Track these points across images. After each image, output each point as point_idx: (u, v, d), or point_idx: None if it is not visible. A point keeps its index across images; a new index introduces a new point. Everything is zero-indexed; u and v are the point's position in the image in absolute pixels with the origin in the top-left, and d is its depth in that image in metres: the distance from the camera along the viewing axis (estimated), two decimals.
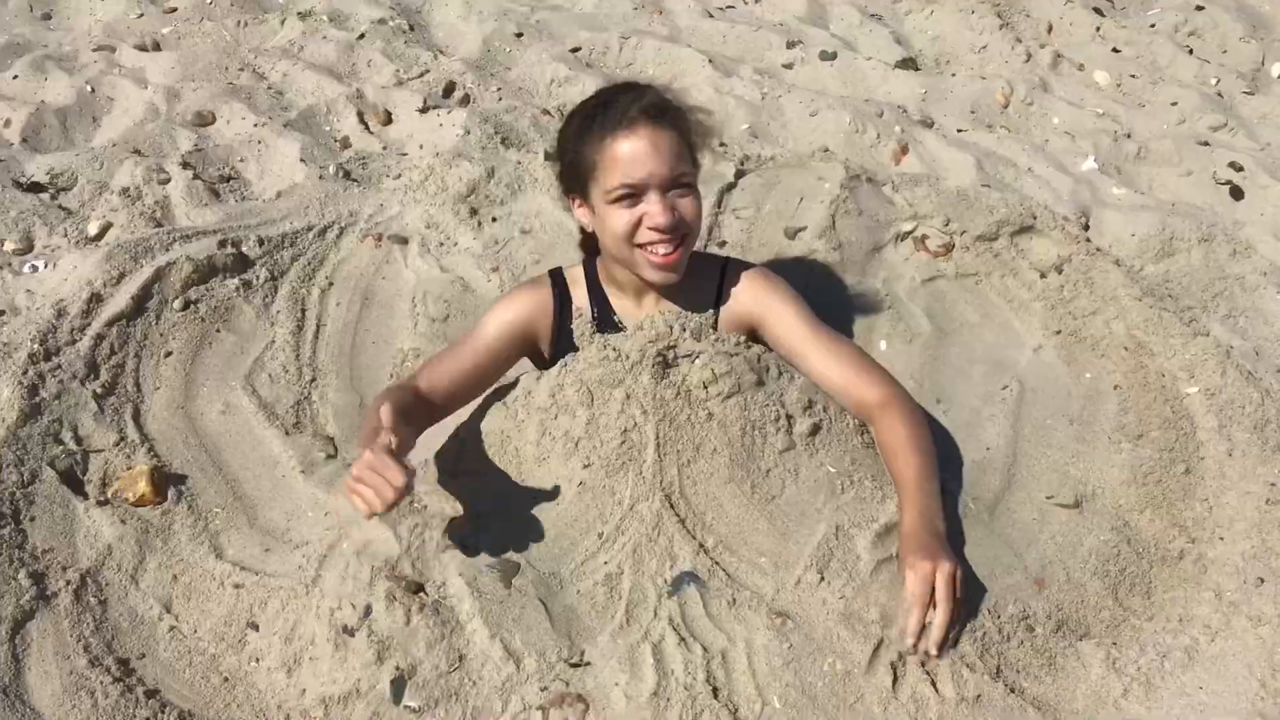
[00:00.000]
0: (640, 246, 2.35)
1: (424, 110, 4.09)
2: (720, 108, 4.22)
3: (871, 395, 2.37)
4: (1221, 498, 2.37)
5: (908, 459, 2.25)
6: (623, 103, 2.34)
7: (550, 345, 2.56)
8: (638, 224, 2.32)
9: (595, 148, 2.33)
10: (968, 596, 2.05)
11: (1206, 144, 3.97)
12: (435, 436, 2.48)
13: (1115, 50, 4.94)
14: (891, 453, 2.29)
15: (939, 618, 1.96)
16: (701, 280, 2.53)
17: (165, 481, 2.40)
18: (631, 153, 2.29)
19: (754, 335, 2.53)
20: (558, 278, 2.61)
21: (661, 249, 2.34)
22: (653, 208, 2.31)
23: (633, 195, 2.31)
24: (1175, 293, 3.10)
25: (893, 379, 2.44)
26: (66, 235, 3.25)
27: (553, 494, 2.23)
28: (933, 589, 1.97)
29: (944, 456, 2.48)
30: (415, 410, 2.34)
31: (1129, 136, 4.12)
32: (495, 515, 2.19)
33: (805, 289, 2.67)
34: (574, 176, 2.42)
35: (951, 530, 2.20)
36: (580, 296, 2.58)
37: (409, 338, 3.00)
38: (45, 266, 3.08)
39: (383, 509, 1.93)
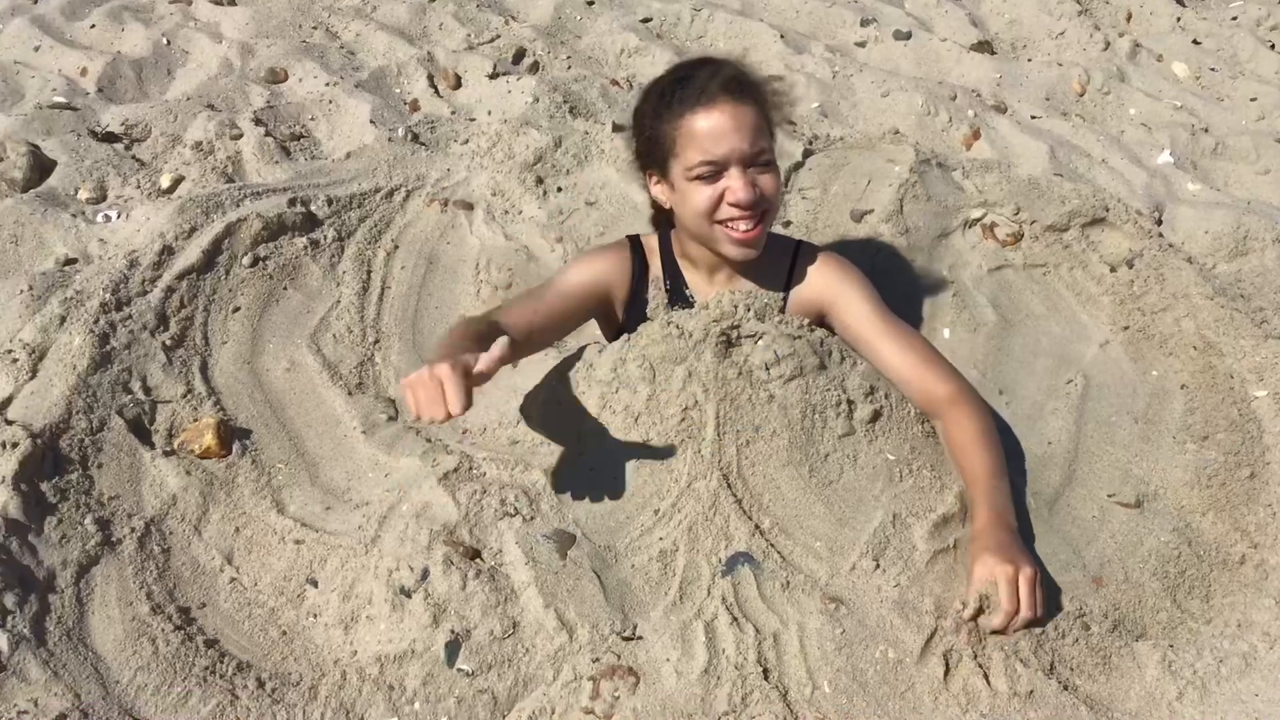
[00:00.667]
0: (721, 223, 2.35)
1: (493, 76, 4.10)
2: (790, 85, 4.18)
3: (939, 390, 2.35)
4: None
5: (978, 455, 2.24)
6: (701, 78, 2.33)
7: (624, 309, 2.58)
8: (719, 200, 2.32)
9: (674, 124, 2.33)
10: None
11: None
12: (505, 399, 2.50)
13: (1195, 42, 4.85)
14: (960, 448, 2.28)
15: (1019, 624, 1.96)
16: (773, 261, 2.52)
17: (230, 435, 2.44)
18: (712, 128, 2.28)
19: (821, 320, 2.52)
20: (637, 244, 2.62)
21: (743, 225, 2.34)
22: (734, 183, 2.30)
23: (714, 171, 2.31)
24: (1247, 293, 3.04)
25: (960, 374, 2.43)
26: (139, 186, 3.29)
27: (611, 467, 2.24)
28: (1016, 592, 1.96)
29: (1005, 450, 2.46)
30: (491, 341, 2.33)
31: (1206, 131, 4.05)
32: (553, 485, 2.20)
33: (870, 273, 2.65)
34: (651, 153, 2.42)
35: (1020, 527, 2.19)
36: (656, 266, 2.58)
37: (471, 304, 3.01)
38: (118, 217, 3.13)
39: (426, 420, 1.90)
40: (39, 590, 2.00)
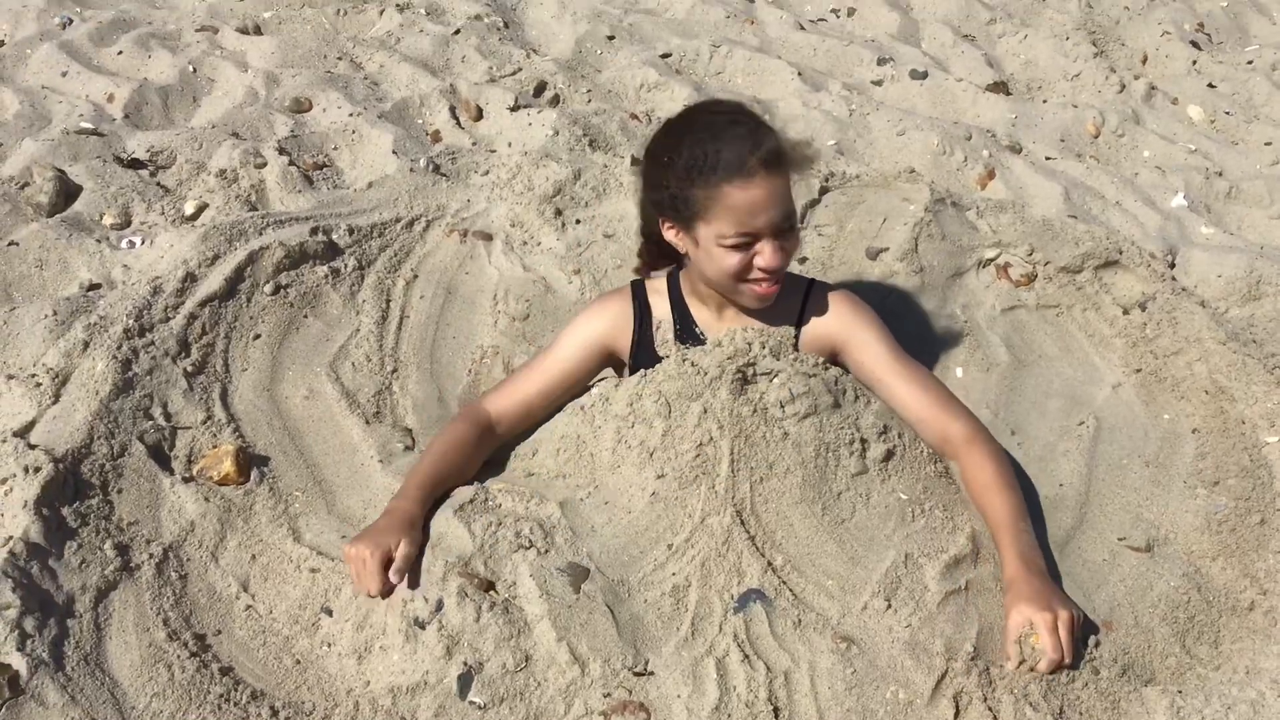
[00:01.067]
0: (746, 281, 2.39)
1: (514, 108, 4.15)
2: (807, 122, 4.23)
3: (955, 430, 2.38)
4: None
5: (999, 498, 2.26)
6: (738, 148, 2.29)
7: (630, 357, 2.60)
8: (749, 265, 2.36)
9: (708, 191, 2.31)
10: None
11: None
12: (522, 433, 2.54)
13: (1210, 85, 4.88)
14: (980, 491, 2.30)
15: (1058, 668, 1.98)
16: (785, 298, 2.54)
17: (249, 462, 2.47)
18: (751, 204, 2.29)
19: (834, 358, 2.54)
20: (639, 290, 2.64)
21: (765, 284, 2.39)
22: (766, 251, 2.34)
23: (748, 242, 2.34)
24: (1260, 338, 3.05)
25: (974, 415, 2.45)
26: (164, 213, 3.34)
27: (625, 501, 2.26)
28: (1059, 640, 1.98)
29: None
30: (479, 445, 2.46)
31: (1220, 175, 4.07)
32: (567, 519, 2.22)
33: (884, 311, 2.68)
34: (676, 208, 2.39)
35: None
36: (661, 307, 2.61)
37: (489, 334, 3.04)
38: (142, 243, 3.17)
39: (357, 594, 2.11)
40: (58, 614, 2.03)
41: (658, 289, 2.64)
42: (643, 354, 2.58)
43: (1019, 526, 2.22)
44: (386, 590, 2.06)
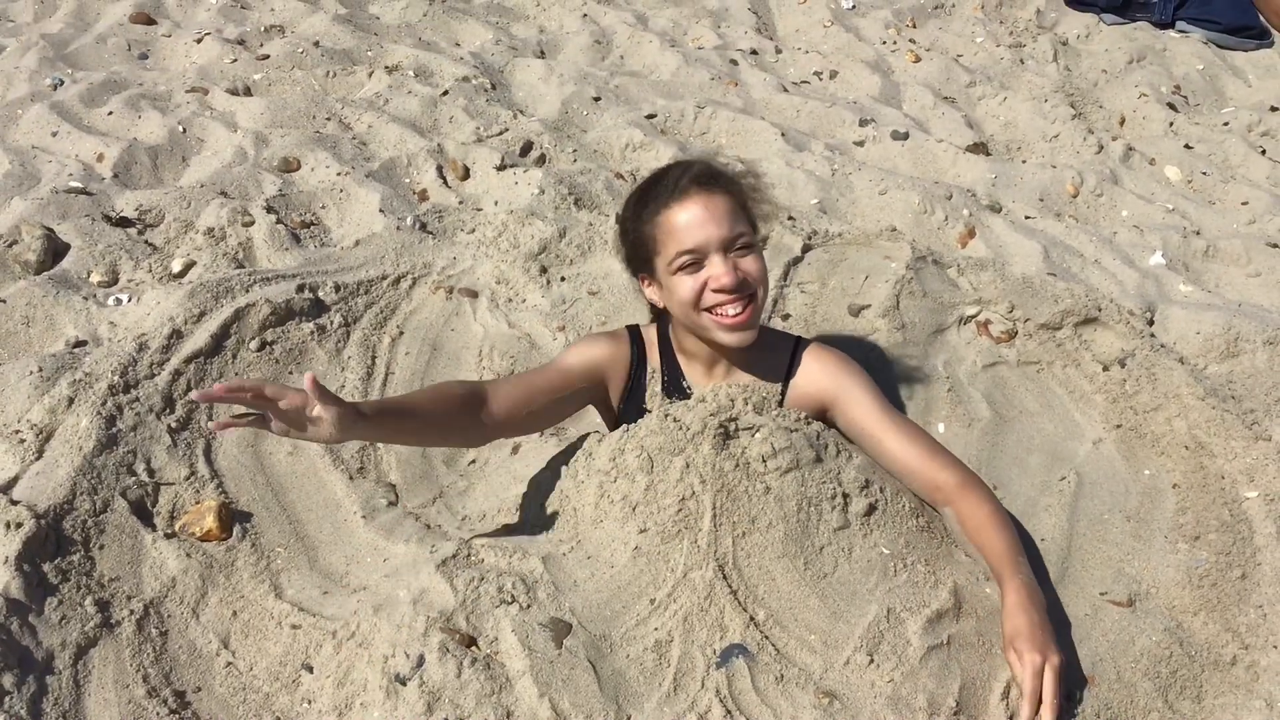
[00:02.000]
0: (709, 310, 2.39)
1: (501, 168, 4.19)
2: (790, 182, 4.28)
3: (946, 478, 2.40)
4: (1277, 605, 2.35)
5: (996, 535, 2.31)
6: (672, 175, 2.44)
7: (620, 399, 2.61)
8: (703, 288, 2.38)
9: (651, 223, 2.42)
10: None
11: (1276, 245, 3.96)
12: (505, 486, 2.53)
13: (1187, 146, 4.95)
14: (976, 530, 2.34)
15: (1046, 717, 1.99)
16: (773, 355, 2.57)
17: (232, 518, 2.47)
18: (687, 220, 2.36)
19: (822, 415, 2.55)
20: (635, 334, 2.67)
21: (731, 309, 2.39)
22: (715, 270, 2.36)
23: (695, 261, 2.37)
24: (1238, 394, 3.08)
25: (964, 464, 2.48)
26: (151, 271, 3.36)
27: (608, 556, 2.26)
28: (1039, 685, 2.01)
29: None
30: (463, 405, 2.34)
31: (1198, 233, 4.12)
32: (550, 574, 2.22)
33: (866, 367, 2.70)
34: (638, 256, 2.50)
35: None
36: (654, 358, 2.63)
37: None
38: (129, 300, 3.18)
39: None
40: (37, 671, 2.02)
41: (651, 339, 2.67)
42: (634, 398, 2.60)
43: (1019, 560, 2.26)
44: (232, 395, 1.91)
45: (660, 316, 2.67)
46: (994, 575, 2.28)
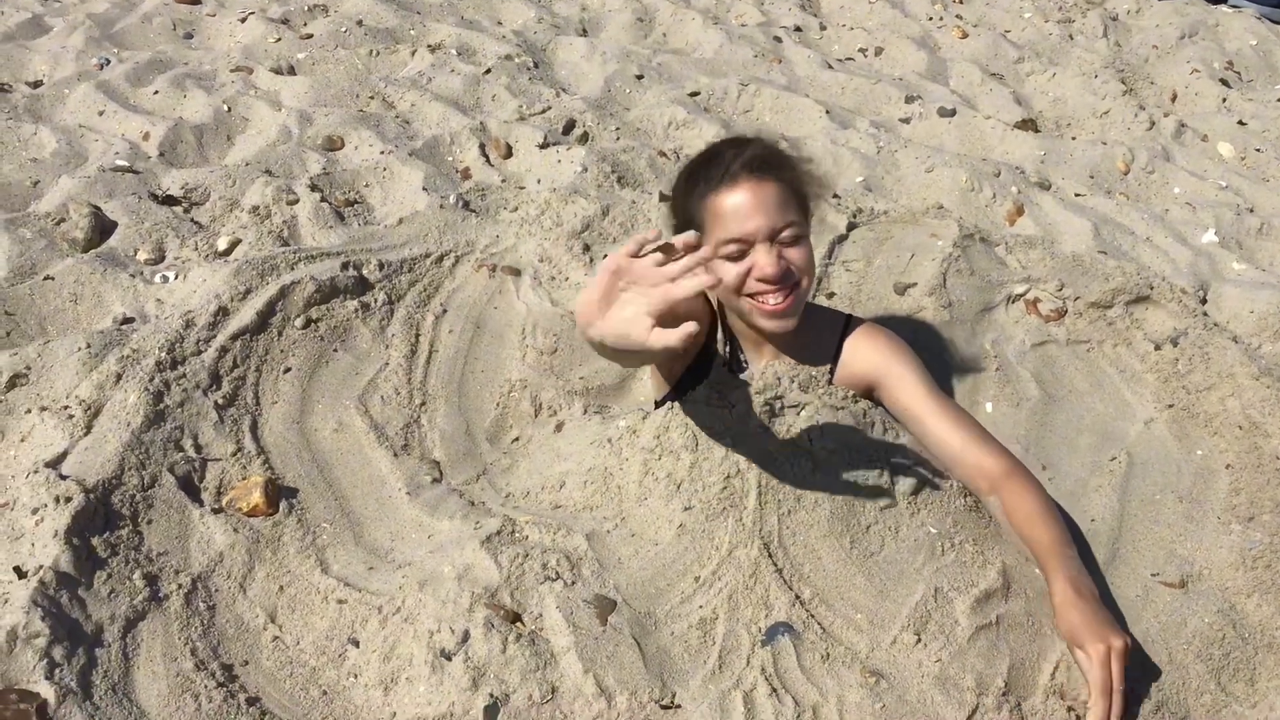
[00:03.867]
0: (750, 296, 2.37)
1: (544, 146, 4.18)
2: (835, 159, 4.24)
3: (992, 466, 2.35)
4: None
5: (1043, 527, 2.25)
6: (726, 158, 2.36)
7: (696, 353, 2.59)
8: (746, 276, 2.34)
9: (700, 205, 2.37)
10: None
11: None
12: (549, 463, 2.53)
13: (1241, 123, 4.86)
14: (1023, 521, 2.28)
15: (1116, 705, 1.96)
16: (821, 335, 2.54)
17: (278, 494, 2.47)
18: (735, 207, 2.31)
19: (870, 394, 2.53)
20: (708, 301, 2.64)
21: (771, 299, 2.35)
22: (760, 259, 2.32)
23: (741, 249, 2.33)
24: None
25: (1009, 451, 2.43)
26: (197, 249, 3.37)
27: (652, 533, 2.25)
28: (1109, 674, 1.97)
29: None
30: None
31: (1251, 211, 4.05)
32: (594, 551, 2.21)
33: (913, 346, 2.67)
34: (687, 229, 2.44)
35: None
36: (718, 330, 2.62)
37: (517, 368, 3.05)
38: (175, 277, 3.20)
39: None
40: (87, 643, 2.03)
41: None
42: (703, 358, 2.58)
43: (1065, 552, 2.21)
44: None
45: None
46: (1040, 569, 2.24)
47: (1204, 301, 3.38)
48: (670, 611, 2.12)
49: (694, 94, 4.89)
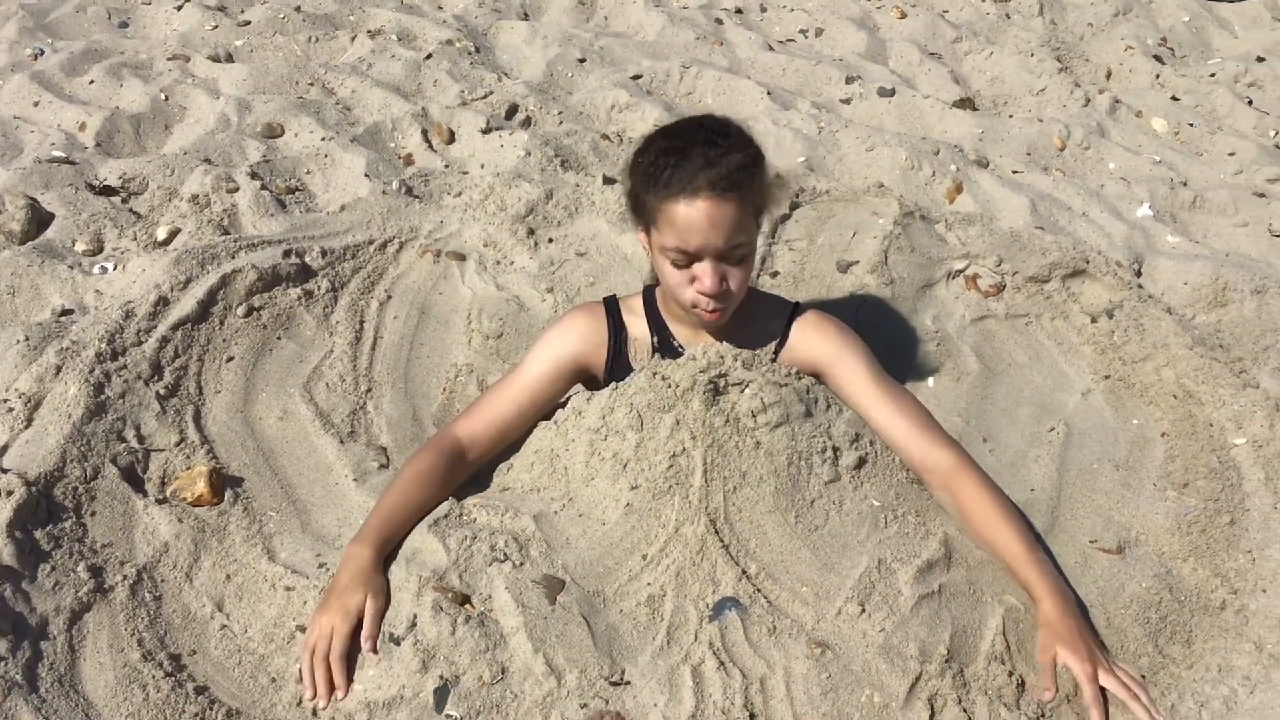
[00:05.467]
0: (686, 298, 2.39)
1: (486, 131, 4.17)
2: (777, 140, 4.27)
3: (939, 459, 2.36)
4: (1266, 550, 2.37)
5: (1006, 528, 2.25)
6: (694, 164, 2.26)
7: (605, 373, 2.59)
8: (688, 284, 2.35)
9: (657, 204, 2.31)
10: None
11: (1263, 195, 3.97)
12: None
13: (1174, 98, 4.95)
14: (982, 523, 2.28)
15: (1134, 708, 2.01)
16: (769, 322, 2.55)
17: (223, 483, 2.46)
18: (689, 222, 2.26)
19: (815, 380, 2.54)
20: (612, 306, 2.63)
21: (706, 310, 2.37)
22: (703, 275, 2.31)
23: (687, 260, 2.32)
24: (1226, 343, 3.09)
25: (957, 443, 2.44)
26: (136, 239, 3.34)
27: (599, 513, 2.27)
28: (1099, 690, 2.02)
29: None
30: (447, 475, 2.39)
31: (1185, 185, 4.12)
32: (542, 532, 2.22)
33: (855, 323, 2.70)
34: (639, 208, 2.42)
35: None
36: (637, 325, 2.60)
37: (463, 353, 3.05)
38: (114, 268, 3.16)
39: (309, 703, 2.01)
40: (32, 637, 2.01)
41: (633, 307, 2.63)
42: (619, 370, 2.57)
43: (1039, 557, 2.21)
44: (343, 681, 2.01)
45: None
46: (1015, 577, 2.22)
47: (1139, 274, 3.45)
48: (619, 590, 2.14)
49: (636, 77, 4.90)
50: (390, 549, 2.22)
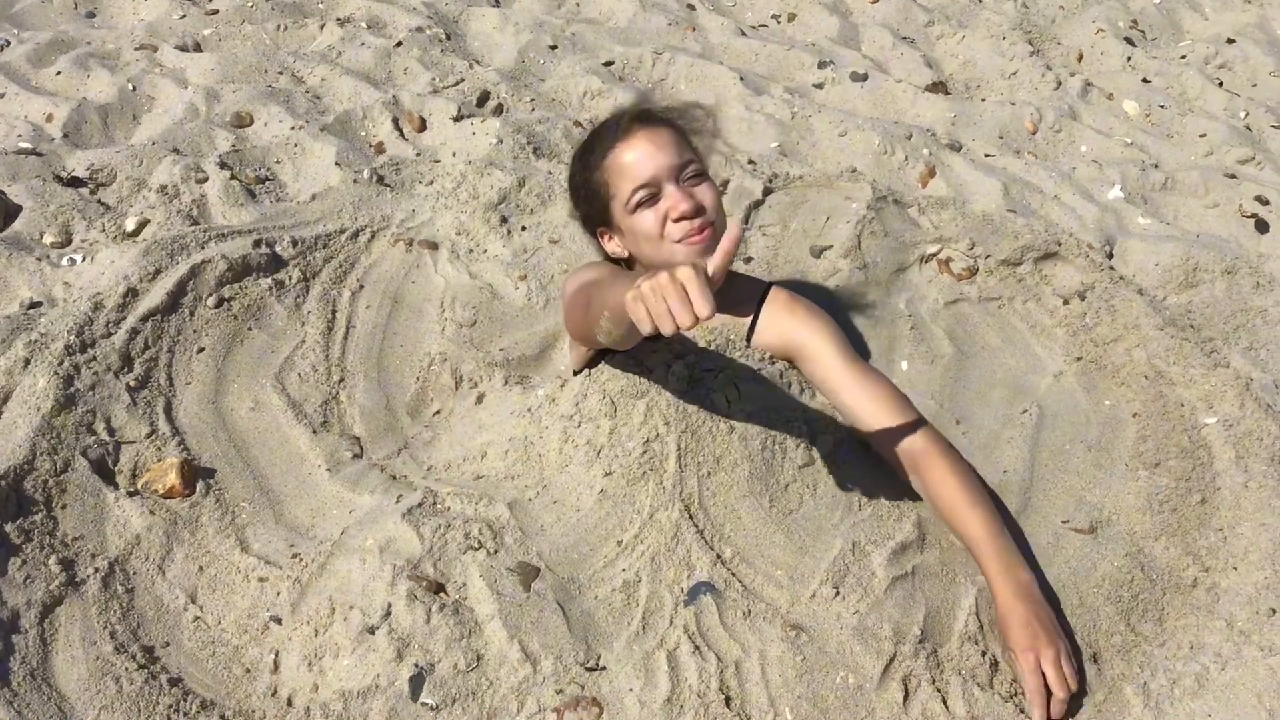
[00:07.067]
0: (675, 242, 2.39)
1: (458, 118, 4.15)
2: (750, 126, 4.26)
3: (909, 443, 2.35)
4: (1236, 528, 2.39)
5: (970, 513, 2.25)
6: (612, 121, 2.48)
7: None
8: (664, 219, 2.38)
9: (601, 168, 2.44)
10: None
11: (1234, 176, 3.99)
12: (470, 435, 2.53)
13: (1145, 80, 4.97)
14: (948, 509, 2.28)
15: (1056, 705, 2.00)
16: (741, 302, 2.56)
17: (194, 474, 2.45)
18: (635, 156, 2.39)
19: (789, 363, 2.55)
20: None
21: (691, 234, 2.38)
22: (672, 199, 2.38)
23: (651, 195, 2.38)
24: (1197, 323, 3.11)
25: (930, 425, 2.44)
26: (104, 230, 3.30)
27: (574, 500, 2.27)
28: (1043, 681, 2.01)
29: None
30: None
31: (1156, 167, 4.14)
32: (516, 519, 2.22)
33: (829, 308, 2.70)
34: (593, 209, 2.50)
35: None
36: None
37: (436, 342, 3.03)
38: (83, 260, 3.13)
39: (669, 331, 1.67)
40: (3, 631, 2.00)
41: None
42: None
43: (999, 543, 2.21)
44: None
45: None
46: (976, 563, 2.23)
47: (1110, 256, 3.46)
48: (593, 576, 2.14)
49: (608, 63, 4.88)
50: None
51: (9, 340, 2.65)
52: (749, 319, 2.58)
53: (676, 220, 2.36)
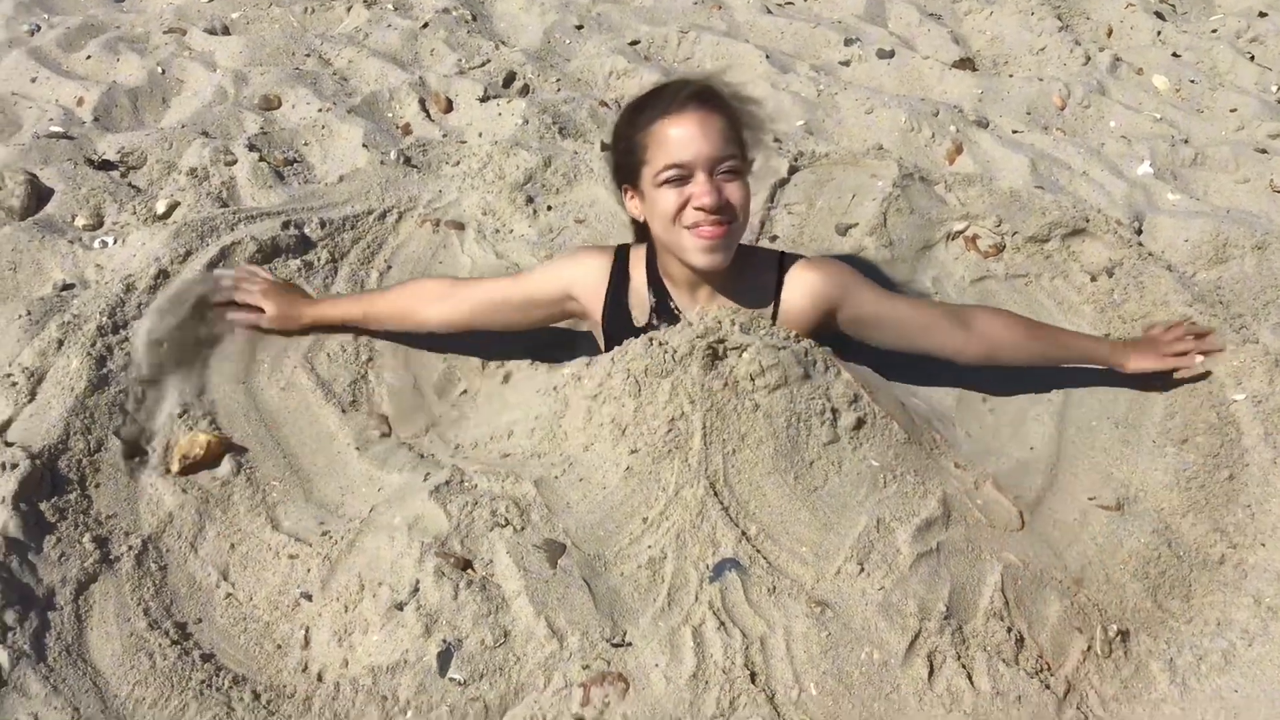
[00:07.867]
0: (687, 228, 2.39)
1: (484, 99, 4.16)
2: (776, 103, 4.25)
3: (966, 332, 2.61)
4: (1265, 504, 2.38)
5: (1036, 342, 2.70)
6: (673, 89, 2.44)
7: (603, 318, 2.63)
8: (684, 204, 2.37)
9: (645, 132, 2.41)
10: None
11: (1264, 151, 3.95)
12: (497, 413, 2.54)
13: (1175, 55, 4.91)
14: (1012, 351, 2.69)
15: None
16: (758, 276, 2.56)
17: (221, 446, 2.48)
18: (679, 134, 2.36)
19: (823, 323, 2.55)
20: (621, 254, 2.67)
21: (706, 228, 2.38)
22: (698, 188, 2.36)
23: (681, 177, 2.36)
24: (1226, 299, 3.09)
25: (981, 306, 2.82)
26: (135, 213, 3.34)
27: (599, 478, 2.28)
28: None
29: (989, 454, 2.50)
30: (420, 311, 2.79)
31: (1186, 142, 4.10)
32: (543, 497, 2.24)
33: None
34: (626, 165, 2.49)
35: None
36: (639, 276, 2.63)
37: None
38: (114, 242, 3.17)
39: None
40: (39, 607, 2.04)
41: (638, 258, 2.66)
42: (617, 315, 2.61)
43: (1076, 340, 2.79)
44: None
45: (642, 236, 2.66)
46: (1089, 360, 2.76)
47: (1139, 232, 3.44)
48: (619, 553, 2.16)
49: (634, 43, 4.87)
50: (323, 321, 2.86)
51: (42, 322, 2.69)
52: (770, 293, 2.57)
53: (696, 209, 2.36)
